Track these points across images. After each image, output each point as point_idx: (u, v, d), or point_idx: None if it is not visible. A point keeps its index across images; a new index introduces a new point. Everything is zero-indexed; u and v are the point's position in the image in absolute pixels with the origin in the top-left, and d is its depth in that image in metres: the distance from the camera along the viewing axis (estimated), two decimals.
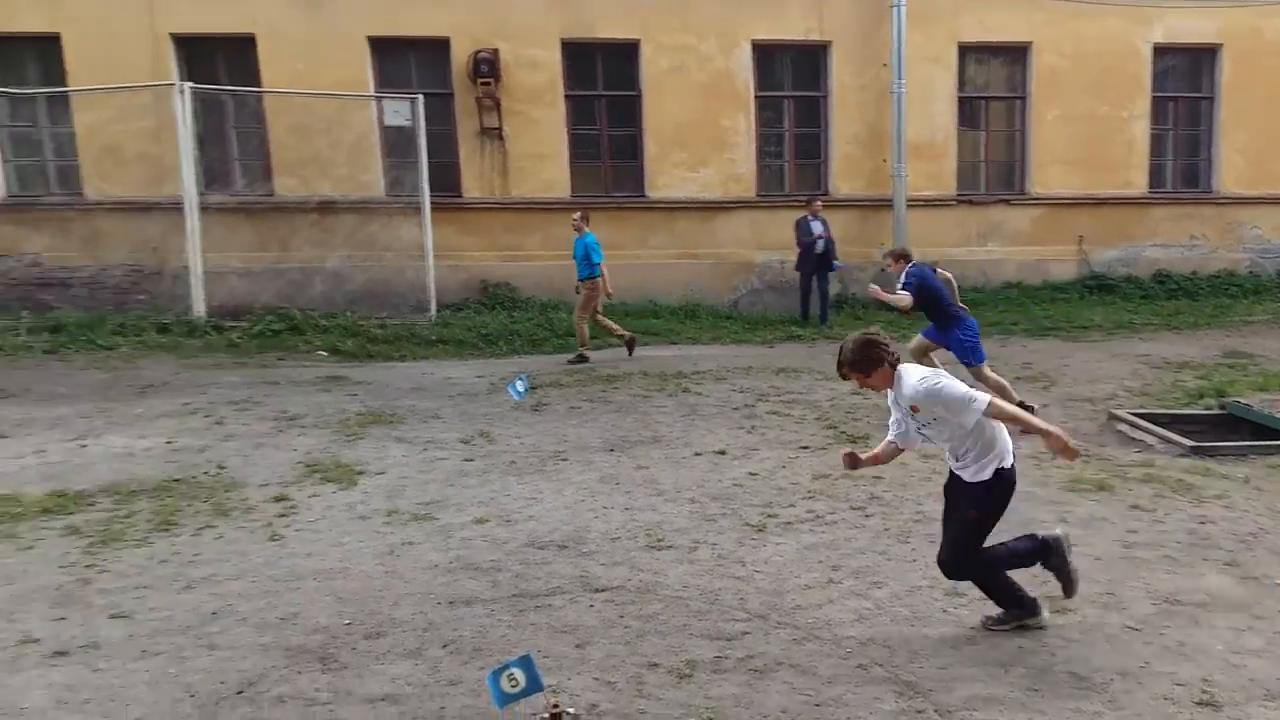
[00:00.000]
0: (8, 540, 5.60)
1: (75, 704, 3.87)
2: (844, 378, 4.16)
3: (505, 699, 3.26)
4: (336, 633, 4.46)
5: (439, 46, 13.08)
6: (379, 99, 12.88)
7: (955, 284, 8.23)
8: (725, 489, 6.41)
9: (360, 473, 6.80)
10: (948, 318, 8.07)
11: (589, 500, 6.24)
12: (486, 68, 12.90)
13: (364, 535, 5.68)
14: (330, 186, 12.77)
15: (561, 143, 13.61)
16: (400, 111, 12.86)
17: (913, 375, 4.02)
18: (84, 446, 7.47)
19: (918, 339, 8.39)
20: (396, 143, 13.05)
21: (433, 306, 12.66)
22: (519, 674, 3.34)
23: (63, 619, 4.62)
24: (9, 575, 5.13)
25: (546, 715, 3.22)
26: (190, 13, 12.24)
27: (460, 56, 13.03)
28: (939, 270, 8.28)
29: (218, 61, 12.74)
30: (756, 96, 14.13)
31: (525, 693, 3.35)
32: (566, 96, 13.61)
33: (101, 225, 12.57)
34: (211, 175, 12.51)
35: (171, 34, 12.24)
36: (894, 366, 4.04)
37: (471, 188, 13.40)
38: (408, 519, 5.93)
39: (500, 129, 13.27)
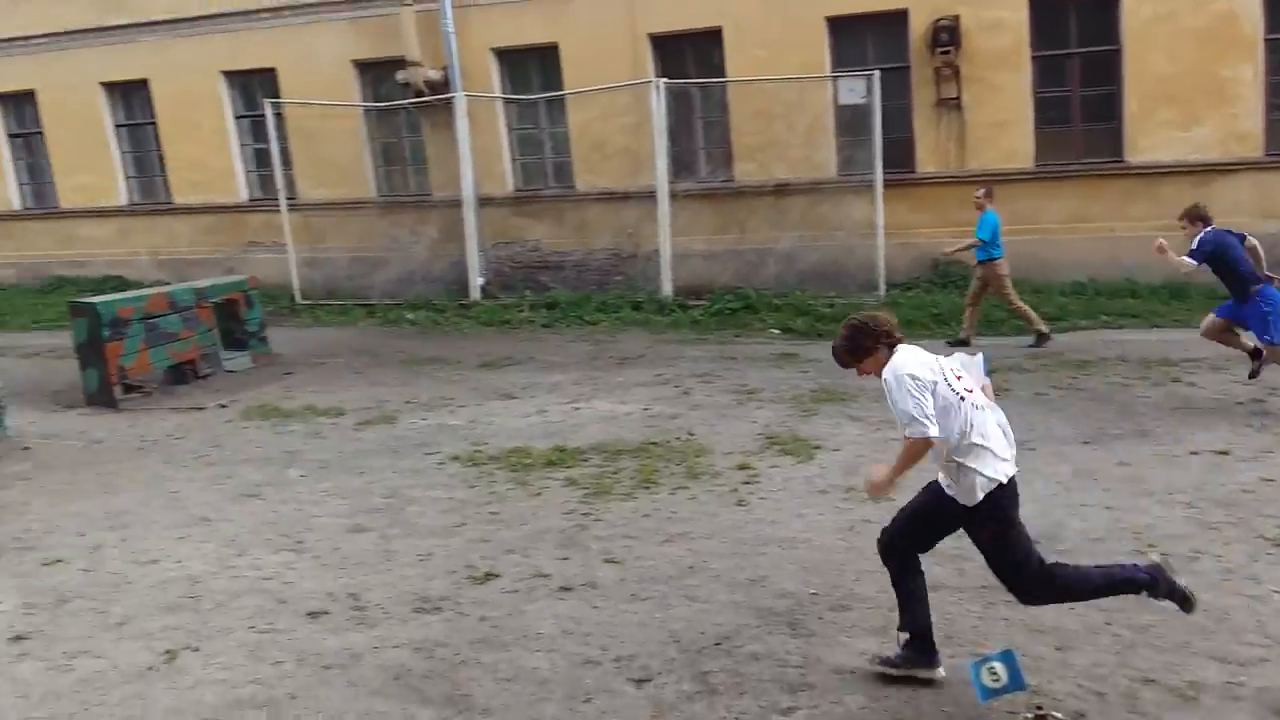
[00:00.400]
0: (520, 487, 6.50)
1: (579, 635, 4.39)
2: (843, 366, 3.83)
3: (987, 693, 3.14)
4: (802, 600, 4.60)
5: (896, 20, 12.83)
6: (835, 79, 12.98)
7: (1261, 252, 7.38)
8: (1231, 494, 5.60)
9: (816, 448, 6.94)
10: (1245, 289, 7.24)
11: (1063, 495, 5.80)
12: (946, 36, 12.43)
13: (823, 509, 5.79)
14: (785, 169, 13.13)
15: (1025, 108, 12.71)
16: (855, 89, 12.84)
17: (900, 358, 3.63)
18: (577, 409, 8.45)
19: (1210, 319, 7.61)
20: (850, 121, 13.06)
21: (881, 285, 12.53)
22: (1000, 669, 3.19)
23: (566, 559, 5.27)
24: (523, 517, 5.96)
25: (1031, 716, 3.04)
26: (666, 13, 13.23)
27: (918, 27, 12.68)
28: (1247, 238, 7.43)
29: (687, 56, 13.64)
30: (1266, 40, 12.08)
31: (1006, 689, 3.20)
32: (1033, 58, 12.68)
33: (588, 214, 14.09)
34: (680, 164, 13.43)
35: (649, 34, 13.34)
36: (891, 348, 3.67)
37: (926, 162, 13.02)
38: (865, 496, 5.93)
39: (958, 98, 12.72)
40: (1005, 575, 3.66)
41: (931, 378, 3.60)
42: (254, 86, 15.56)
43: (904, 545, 3.88)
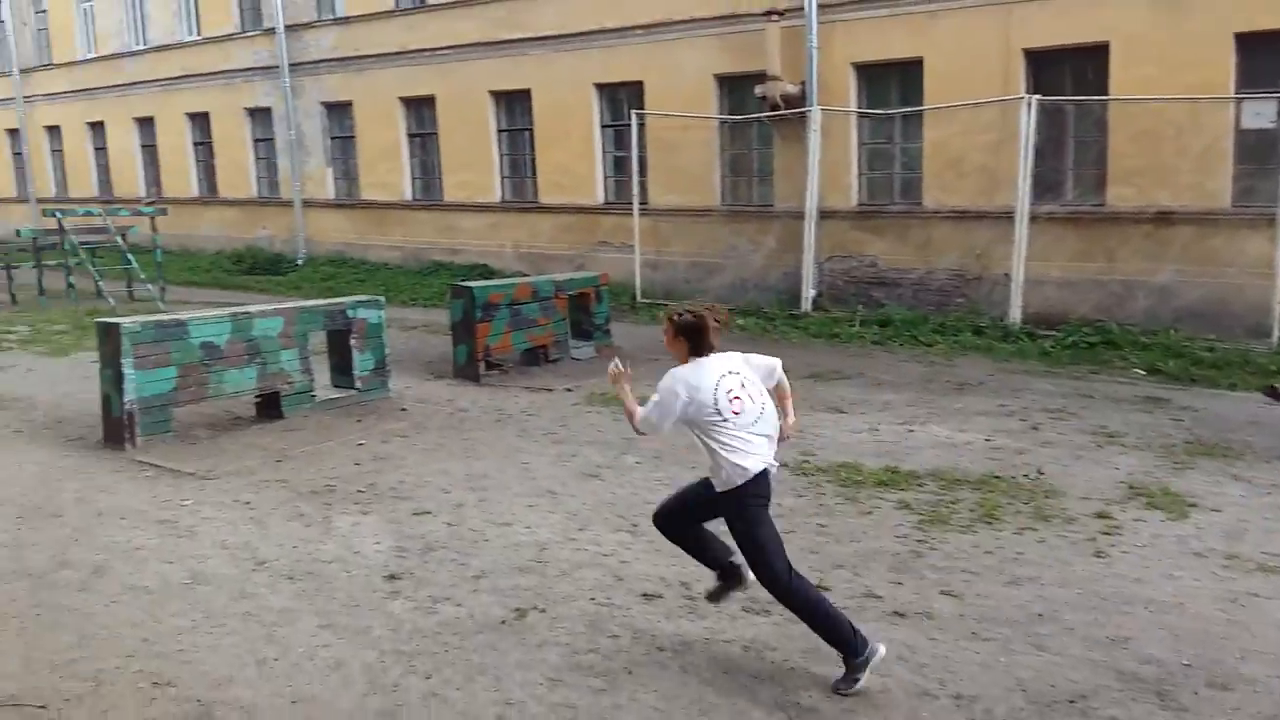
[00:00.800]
0: (850, 503, 6.35)
1: (913, 664, 4.19)
2: (664, 330, 4.28)
3: None
4: (1173, 670, 4.10)
5: None
6: (1239, 100, 11.52)
7: None
8: None
9: (1191, 505, 6.17)
10: None
11: None
12: None
13: (1199, 574, 5.13)
14: (1169, 196, 11.82)
15: None
16: (1263, 113, 11.33)
17: (691, 367, 4.11)
18: (911, 431, 8.13)
19: None
20: (1254, 147, 11.52)
21: (1276, 331, 10.96)
22: None
23: (899, 584, 5.06)
24: (853, 534, 5.81)
25: None
26: (1045, 27, 12.35)
27: None
28: None
29: (1064, 72, 12.69)
30: None
31: None
32: None
33: (934, 232, 13.54)
34: (1044, 185, 12.52)
35: (1024, 49, 12.54)
36: (696, 355, 4.12)
37: None
38: (1252, 568, 5.20)
39: None
40: (751, 560, 4.14)
41: (686, 395, 4.03)
42: (620, 98, 16.51)
43: (680, 521, 4.39)
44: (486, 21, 17.78)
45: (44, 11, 27.58)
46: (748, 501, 4.04)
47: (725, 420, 4.01)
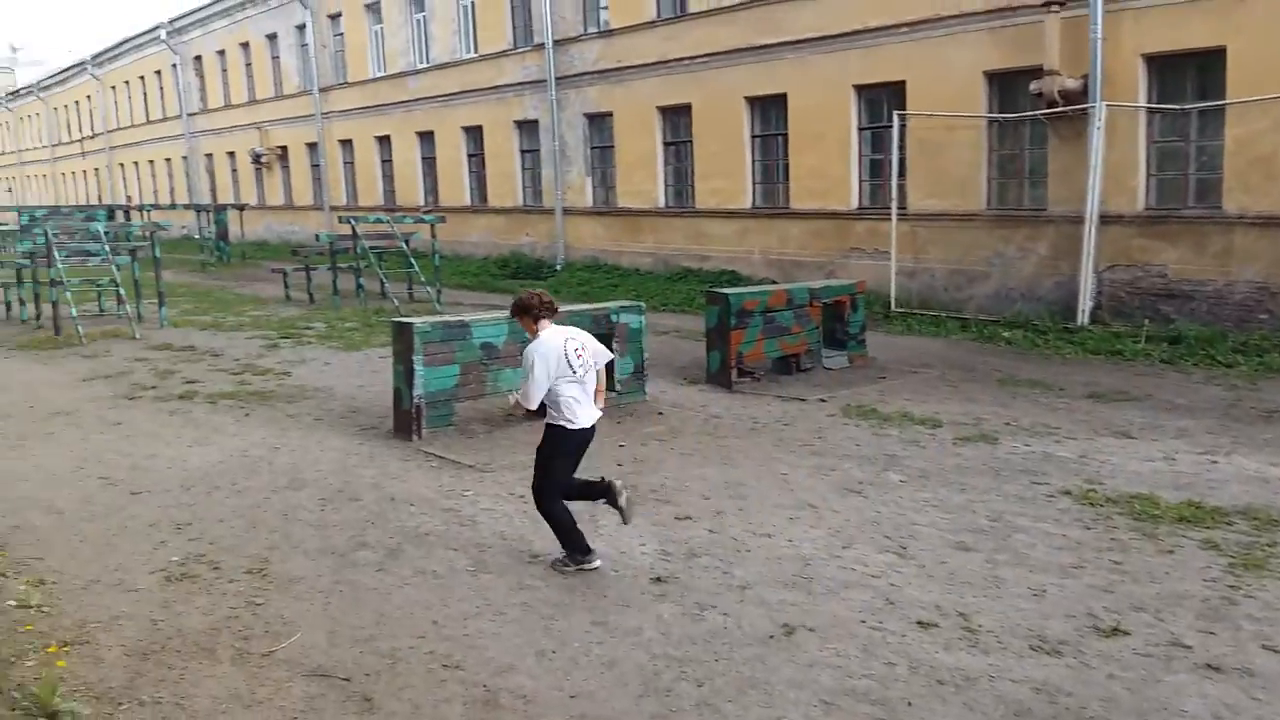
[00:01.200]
0: (1147, 539, 5.80)
1: None
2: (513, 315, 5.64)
3: None
4: None
5: None
6: None
7: None
8: None
9: None
10: None
11: None
12: None
13: None
14: None
15: None
16: None
17: (543, 336, 5.34)
18: (1214, 463, 7.34)
19: None
20: None
21: None
22: None
23: (1211, 633, 4.56)
24: (1153, 574, 5.29)
25: None
26: None
27: None
28: None
29: None
30: None
31: None
32: None
33: (1236, 240, 12.17)
34: None
35: None
36: (536, 320, 5.37)
37: None
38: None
39: None
40: (534, 477, 5.57)
41: (556, 360, 5.25)
42: (880, 99, 16.05)
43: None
44: (743, 27, 17.82)
45: (340, 34, 30.45)
46: (569, 443, 5.38)
47: (575, 373, 5.27)
